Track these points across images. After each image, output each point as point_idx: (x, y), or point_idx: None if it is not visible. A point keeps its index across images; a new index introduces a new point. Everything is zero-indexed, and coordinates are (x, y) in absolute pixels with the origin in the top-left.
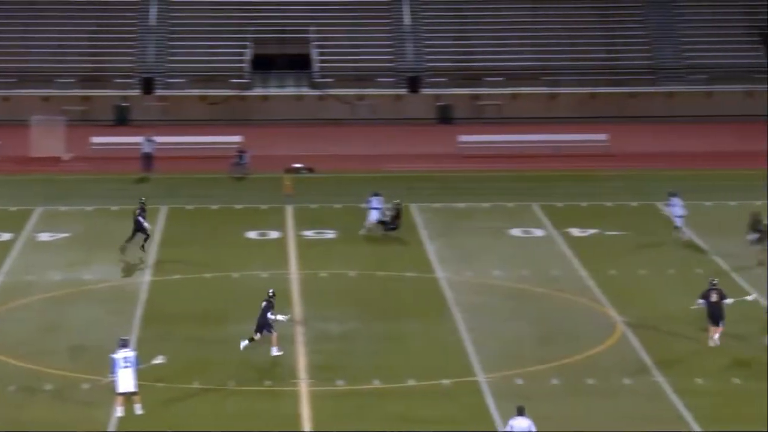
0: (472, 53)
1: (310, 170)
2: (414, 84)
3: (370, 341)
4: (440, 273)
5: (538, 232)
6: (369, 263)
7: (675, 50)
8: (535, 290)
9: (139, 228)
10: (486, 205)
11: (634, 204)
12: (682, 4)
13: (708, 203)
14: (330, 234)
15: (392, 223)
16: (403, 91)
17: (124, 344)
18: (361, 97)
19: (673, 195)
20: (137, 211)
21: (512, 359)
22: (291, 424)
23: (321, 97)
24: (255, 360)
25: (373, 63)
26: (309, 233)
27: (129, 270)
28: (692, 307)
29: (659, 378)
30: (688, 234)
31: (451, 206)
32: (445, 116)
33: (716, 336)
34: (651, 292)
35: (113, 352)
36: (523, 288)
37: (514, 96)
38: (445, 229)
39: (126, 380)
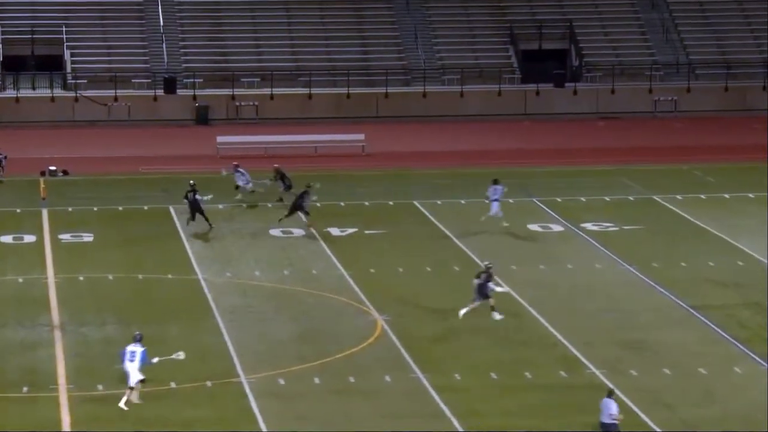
0: (228, 54)
1: (66, 173)
2: (170, 85)
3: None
4: (201, 274)
5: (298, 232)
6: (128, 266)
7: (428, 51)
8: (296, 290)
9: (196, 208)
10: (245, 206)
11: (391, 203)
12: (433, 6)
13: (463, 201)
14: (87, 237)
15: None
16: (159, 92)
17: (136, 339)
18: (116, 99)
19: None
20: (190, 195)
21: (274, 359)
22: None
23: (75, 99)
24: (12, 366)
25: (127, 64)
26: (66, 236)
27: None
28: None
29: (419, 375)
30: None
31: (211, 207)
32: (202, 117)
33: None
34: (410, 290)
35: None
36: (284, 288)
37: (271, 96)
38: (205, 229)
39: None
